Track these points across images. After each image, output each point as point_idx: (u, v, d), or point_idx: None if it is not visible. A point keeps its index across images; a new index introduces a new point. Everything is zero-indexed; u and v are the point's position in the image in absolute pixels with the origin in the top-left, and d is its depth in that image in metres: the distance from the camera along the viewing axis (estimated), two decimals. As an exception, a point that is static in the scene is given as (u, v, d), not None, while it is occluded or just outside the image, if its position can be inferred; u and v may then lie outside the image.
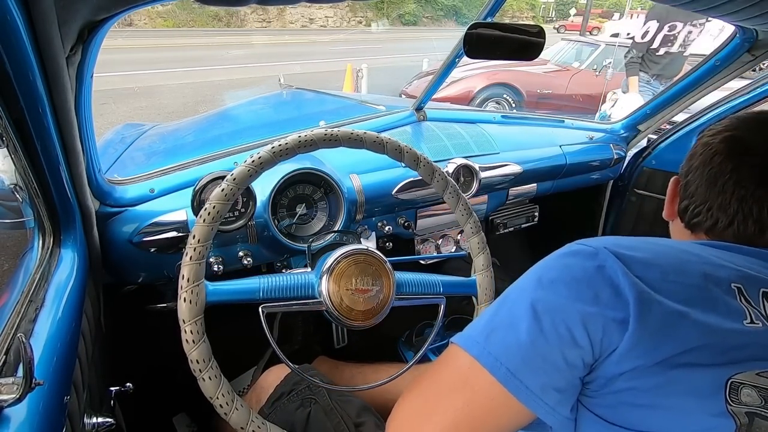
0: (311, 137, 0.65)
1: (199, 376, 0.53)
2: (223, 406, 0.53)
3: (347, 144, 0.68)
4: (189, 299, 0.55)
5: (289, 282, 0.64)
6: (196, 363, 0.53)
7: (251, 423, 0.54)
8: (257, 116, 1.77)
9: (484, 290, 0.74)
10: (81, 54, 0.54)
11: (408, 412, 0.48)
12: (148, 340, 1.06)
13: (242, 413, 0.54)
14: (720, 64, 1.16)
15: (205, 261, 0.58)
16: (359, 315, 0.64)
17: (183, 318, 0.55)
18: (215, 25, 15.59)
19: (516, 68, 5.08)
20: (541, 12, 26.52)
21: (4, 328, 0.48)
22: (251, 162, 0.62)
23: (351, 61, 5.20)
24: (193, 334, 0.54)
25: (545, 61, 5.67)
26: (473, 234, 0.76)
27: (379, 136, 0.70)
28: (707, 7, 0.74)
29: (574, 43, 6.00)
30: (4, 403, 0.38)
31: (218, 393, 0.53)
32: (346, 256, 0.65)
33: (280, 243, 0.90)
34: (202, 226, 0.58)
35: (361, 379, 1.03)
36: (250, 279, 0.63)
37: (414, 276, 0.72)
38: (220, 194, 0.59)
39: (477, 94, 4.91)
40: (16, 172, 0.55)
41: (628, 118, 1.51)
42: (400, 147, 0.70)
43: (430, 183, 0.74)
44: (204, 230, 0.58)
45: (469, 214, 0.75)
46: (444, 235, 1.24)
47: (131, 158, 1.19)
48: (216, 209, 0.58)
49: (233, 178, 0.60)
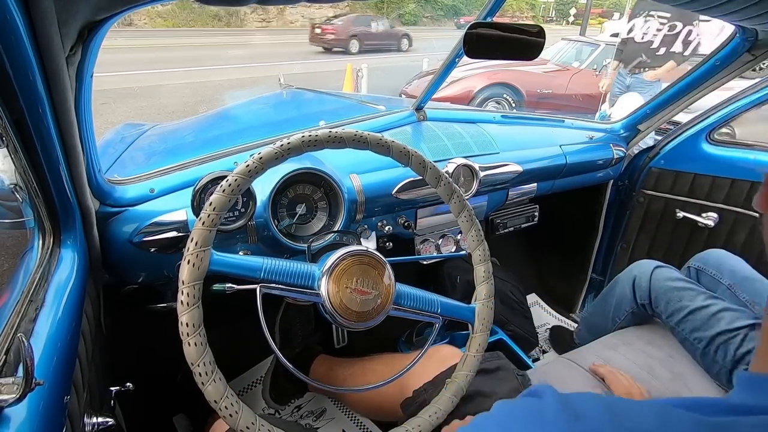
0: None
1: (186, 340, 0.53)
2: (201, 375, 0.53)
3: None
4: (193, 262, 0.55)
5: (292, 268, 0.64)
6: (185, 326, 0.53)
7: (225, 398, 0.54)
8: (257, 116, 1.77)
9: (482, 320, 0.74)
10: (81, 54, 0.54)
11: None
12: (149, 340, 1.06)
13: (218, 386, 0.54)
14: (720, 64, 1.16)
15: (216, 230, 0.59)
16: (353, 315, 0.64)
17: (183, 279, 0.55)
18: (215, 24, 15.59)
19: (516, 68, 5.08)
20: (540, 12, 26.52)
21: (4, 327, 0.48)
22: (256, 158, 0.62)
23: (351, 61, 5.21)
24: (189, 297, 0.54)
25: (545, 61, 5.67)
26: (480, 262, 0.75)
27: (406, 147, 0.70)
28: (707, 6, 0.74)
29: (574, 42, 6.00)
30: (4, 403, 0.39)
31: (200, 361, 0.53)
32: (349, 255, 0.65)
33: (280, 243, 0.90)
34: (241, 175, 0.60)
35: (361, 375, 1.04)
36: (255, 257, 0.64)
37: (415, 291, 0.72)
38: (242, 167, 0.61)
39: (477, 93, 4.91)
40: (16, 172, 0.55)
41: (628, 117, 1.51)
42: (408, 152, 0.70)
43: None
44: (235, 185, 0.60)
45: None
46: (444, 234, 1.24)
47: (131, 158, 1.19)
48: (237, 182, 0.60)
49: (260, 156, 0.62)
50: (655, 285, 1.06)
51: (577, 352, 1.05)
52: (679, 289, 1.02)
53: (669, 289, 1.03)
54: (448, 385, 0.70)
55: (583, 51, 5.61)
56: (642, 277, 1.09)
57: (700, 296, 0.98)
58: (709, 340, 0.93)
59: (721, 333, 0.92)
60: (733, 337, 0.90)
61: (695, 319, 0.97)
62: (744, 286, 1.03)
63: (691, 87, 1.27)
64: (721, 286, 1.06)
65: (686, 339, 0.99)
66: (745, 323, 0.90)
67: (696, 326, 0.96)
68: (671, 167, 1.48)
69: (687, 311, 0.98)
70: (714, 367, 0.93)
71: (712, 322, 0.94)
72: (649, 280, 1.07)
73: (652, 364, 0.98)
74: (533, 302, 1.82)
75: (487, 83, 4.96)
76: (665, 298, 1.03)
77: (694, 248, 1.38)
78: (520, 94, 5.10)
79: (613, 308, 1.17)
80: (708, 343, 0.94)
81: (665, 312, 1.03)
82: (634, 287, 1.11)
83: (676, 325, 1.01)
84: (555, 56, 5.81)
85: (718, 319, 0.93)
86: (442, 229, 1.23)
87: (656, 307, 1.06)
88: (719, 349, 0.92)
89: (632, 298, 1.11)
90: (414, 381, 0.81)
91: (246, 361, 1.40)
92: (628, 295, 1.12)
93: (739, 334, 0.90)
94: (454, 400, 0.69)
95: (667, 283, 1.04)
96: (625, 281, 1.14)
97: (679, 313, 1.00)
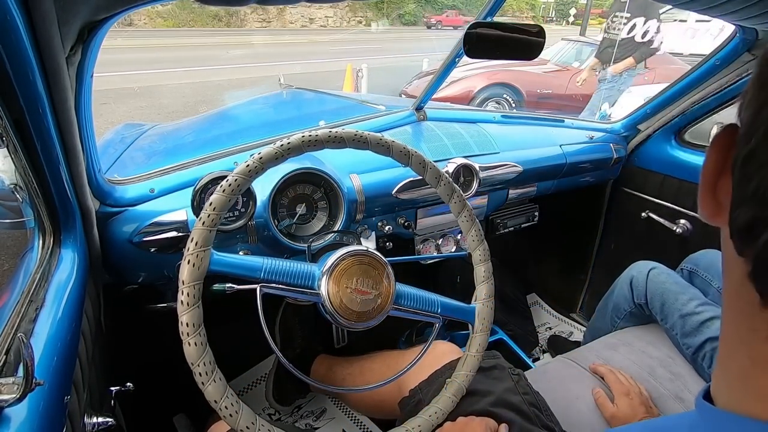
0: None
1: (186, 340, 0.53)
2: (201, 374, 0.53)
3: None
4: (193, 262, 0.55)
5: (293, 268, 0.64)
6: (185, 326, 0.53)
7: (225, 398, 0.54)
8: (257, 116, 1.77)
9: (482, 320, 0.74)
10: (81, 54, 0.54)
11: None
12: (149, 340, 1.06)
13: (218, 386, 0.54)
14: (720, 64, 1.16)
15: (216, 230, 0.58)
16: (353, 315, 0.64)
17: (183, 279, 0.54)
18: (215, 24, 15.59)
19: (515, 68, 5.08)
20: (540, 12, 26.53)
21: (5, 328, 0.48)
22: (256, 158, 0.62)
23: (351, 61, 5.20)
24: (189, 297, 0.54)
25: (545, 61, 5.66)
26: (481, 261, 0.75)
27: (406, 147, 0.70)
28: (707, 6, 0.74)
29: (574, 42, 5.98)
30: (4, 403, 0.39)
31: (200, 361, 0.53)
32: (349, 255, 0.65)
33: (280, 243, 0.90)
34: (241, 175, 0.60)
35: (359, 375, 1.04)
36: (255, 257, 0.64)
37: (415, 291, 0.71)
38: (243, 168, 0.61)
39: (477, 94, 4.91)
40: (16, 172, 0.55)
41: (628, 117, 1.51)
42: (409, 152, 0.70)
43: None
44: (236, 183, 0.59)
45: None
46: (444, 234, 1.24)
47: (131, 158, 1.19)
48: (237, 181, 0.60)
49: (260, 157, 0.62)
50: (651, 286, 1.06)
51: (577, 352, 1.05)
52: (674, 292, 1.02)
53: (664, 291, 1.04)
54: (448, 385, 0.70)
55: (583, 51, 5.59)
56: (639, 277, 1.10)
57: (692, 302, 0.98)
58: (697, 347, 0.94)
59: (709, 340, 0.92)
60: None
61: (685, 325, 0.97)
62: None
63: (691, 87, 1.27)
64: (711, 289, 1.06)
65: (678, 343, 0.99)
66: None
67: (686, 332, 0.97)
68: (645, 167, 1.49)
69: (678, 315, 0.99)
70: (704, 374, 0.94)
71: (702, 329, 0.94)
72: (645, 281, 1.08)
73: (652, 365, 0.98)
74: (533, 302, 1.82)
75: (487, 83, 4.95)
76: (660, 300, 1.04)
77: (681, 248, 1.37)
78: (520, 94, 5.10)
79: (611, 309, 1.17)
80: (696, 350, 0.94)
81: (660, 314, 1.04)
82: (632, 287, 1.11)
83: (670, 328, 1.01)
84: (555, 56, 5.79)
85: (708, 326, 0.93)
86: (442, 229, 1.24)
87: (652, 308, 1.06)
88: (706, 357, 0.92)
89: (630, 298, 1.11)
90: (410, 379, 0.81)
91: (246, 361, 1.40)
92: (626, 296, 1.12)
93: None
94: (455, 400, 0.69)
95: (663, 285, 1.05)
96: (624, 282, 1.14)
97: (672, 317, 1.00)
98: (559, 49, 5.92)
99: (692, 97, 1.30)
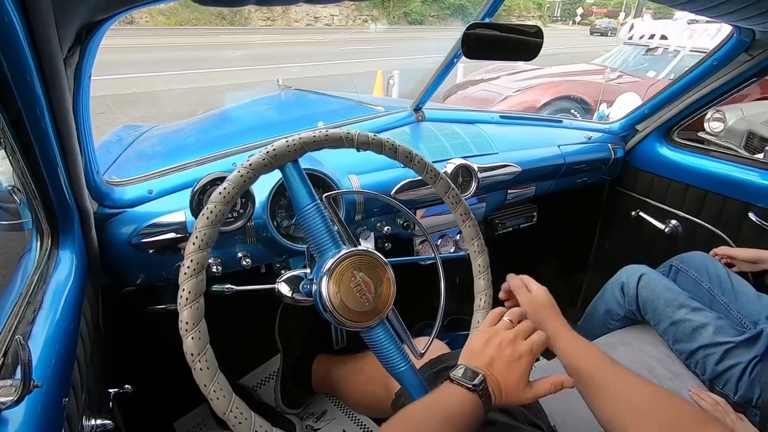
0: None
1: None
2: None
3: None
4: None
5: None
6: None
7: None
8: (255, 117, 1.77)
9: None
10: (79, 55, 0.54)
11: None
12: (147, 342, 1.05)
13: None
14: (718, 64, 1.16)
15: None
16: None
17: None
18: (218, 23, 15.46)
19: (576, 78, 4.50)
20: (546, 11, 26.54)
21: (2, 330, 0.48)
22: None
23: (363, 62, 5.05)
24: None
25: (604, 69, 4.85)
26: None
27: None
28: (705, 7, 0.74)
29: (635, 47, 5.24)
30: (2, 405, 0.38)
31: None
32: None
33: (278, 244, 0.90)
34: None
35: (353, 375, 1.05)
36: None
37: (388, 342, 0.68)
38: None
39: (540, 109, 4.21)
40: (14, 173, 0.55)
41: (625, 117, 1.52)
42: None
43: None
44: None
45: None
46: (443, 235, 1.24)
47: (129, 159, 1.19)
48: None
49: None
50: (642, 293, 1.07)
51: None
52: (665, 298, 1.03)
53: (655, 297, 1.04)
54: None
55: (653, 59, 4.80)
56: (629, 283, 1.10)
57: (683, 309, 0.99)
58: (689, 353, 0.95)
59: (701, 347, 0.93)
60: (712, 354, 0.91)
61: (677, 332, 0.98)
62: (722, 288, 1.05)
63: (688, 87, 1.28)
64: (702, 289, 1.07)
65: (671, 348, 1.01)
66: (725, 339, 0.91)
67: (678, 338, 0.98)
68: (639, 167, 1.50)
69: (670, 322, 1.00)
70: (700, 376, 0.95)
71: (695, 336, 0.95)
72: (636, 287, 1.08)
73: (651, 364, 0.98)
74: (532, 302, 1.81)
75: (550, 98, 4.29)
76: (652, 306, 1.04)
77: (670, 247, 1.37)
78: (589, 108, 4.39)
79: (603, 314, 1.18)
80: (689, 356, 0.96)
81: (653, 319, 1.04)
82: (623, 293, 1.12)
83: (663, 334, 1.02)
84: (619, 63, 5.09)
85: (700, 333, 0.94)
86: (442, 230, 1.23)
87: (645, 313, 1.07)
88: (698, 364, 0.94)
89: (623, 303, 1.12)
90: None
91: (246, 362, 1.39)
92: (618, 301, 1.13)
93: (717, 351, 0.91)
94: None
95: (654, 291, 1.05)
96: (615, 286, 1.15)
97: (664, 323, 1.01)
98: (627, 54, 5.26)
99: (690, 97, 1.30)
